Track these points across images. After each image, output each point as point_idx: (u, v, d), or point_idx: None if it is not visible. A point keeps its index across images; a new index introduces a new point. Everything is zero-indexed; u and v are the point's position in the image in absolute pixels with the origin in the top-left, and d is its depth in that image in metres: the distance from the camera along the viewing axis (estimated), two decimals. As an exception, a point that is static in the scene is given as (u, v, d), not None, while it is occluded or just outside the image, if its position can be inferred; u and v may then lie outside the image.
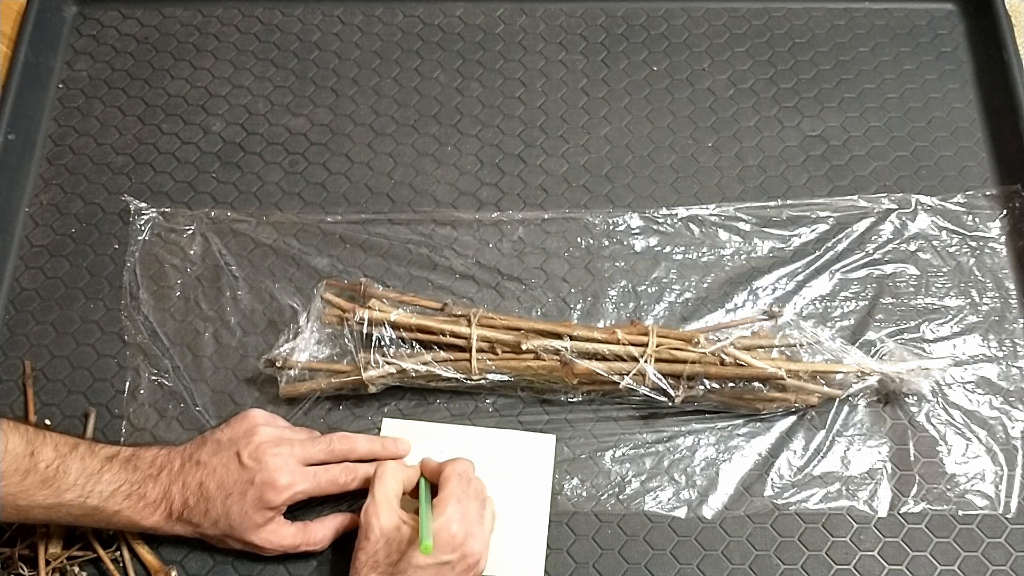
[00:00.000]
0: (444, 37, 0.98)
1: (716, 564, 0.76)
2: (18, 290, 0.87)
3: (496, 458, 0.79)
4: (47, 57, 0.96)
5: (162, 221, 0.88)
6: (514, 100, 0.95)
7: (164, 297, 0.86)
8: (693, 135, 0.93)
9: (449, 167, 0.92)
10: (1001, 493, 0.78)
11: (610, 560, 0.76)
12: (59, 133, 0.94)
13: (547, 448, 0.79)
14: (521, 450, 0.79)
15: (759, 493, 0.78)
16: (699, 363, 0.77)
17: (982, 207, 0.89)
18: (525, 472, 0.78)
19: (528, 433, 0.80)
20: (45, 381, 0.83)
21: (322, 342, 0.81)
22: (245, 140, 0.93)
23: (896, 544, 0.77)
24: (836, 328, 0.84)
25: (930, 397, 0.81)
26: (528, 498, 0.78)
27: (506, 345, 0.79)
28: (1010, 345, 0.83)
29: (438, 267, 0.87)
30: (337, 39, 0.98)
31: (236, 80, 0.96)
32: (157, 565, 0.75)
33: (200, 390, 0.82)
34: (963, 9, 0.98)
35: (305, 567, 0.76)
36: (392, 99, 0.95)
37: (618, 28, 0.98)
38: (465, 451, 0.78)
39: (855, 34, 0.97)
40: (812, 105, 0.94)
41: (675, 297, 0.85)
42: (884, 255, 0.87)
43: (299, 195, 0.90)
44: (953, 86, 0.95)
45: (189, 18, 0.99)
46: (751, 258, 0.87)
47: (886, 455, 0.79)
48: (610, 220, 0.89)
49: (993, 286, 0.86)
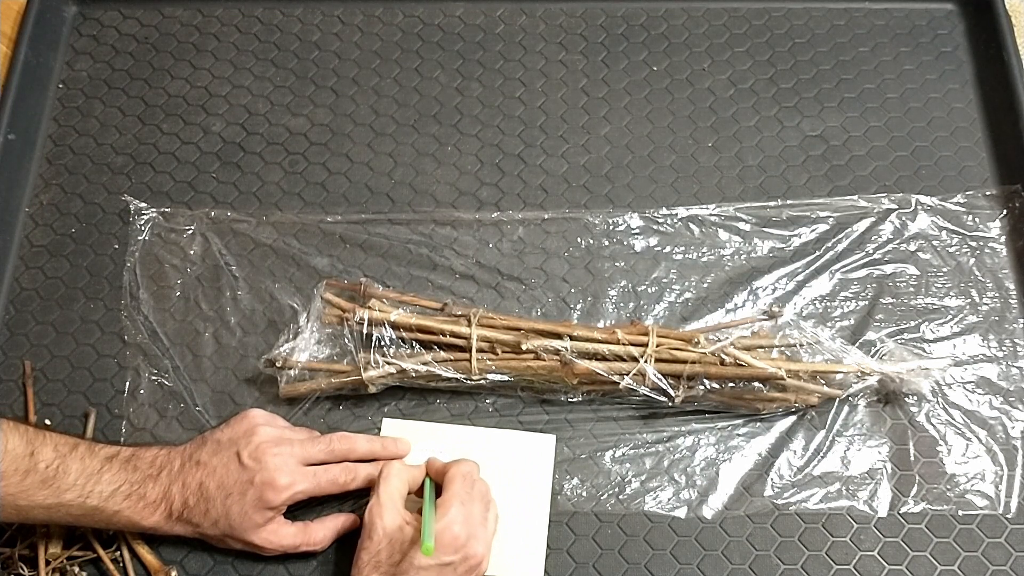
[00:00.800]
0: (444, 37, 0.98)
1: (716, 564, 0.76)
2: (18, 290, 0.87)
3: (496, 458, 0.79)
4: (47, 57, 0.96)
5: (162, 221, 0.88)
6: (514, 100, 0.95)
7: (164, 297, 0.86)
8: (693, 135, 0.93)
9: (449, 167, 0.92)
10: (1001, 493, 0.78)
11: (610, 560, 0.76)
12: (59, 133, 0.94)
13: (547, 448, 0.79)
14: (521, 450, 0.79)
15: (759, 493, 0.78)
16: (699, 363, 0.77)
17: (982, 207, 0.89)
18: (525, 472, 0.78)
19: (528, 433, 0.80)
20: (45, 381, 0.83)
21: (322, 342, 0.81)
22: (245, 140, 0.93)
23: (896, 544, 0.77)
24: (836, 328, 0.84)
25: (930, 397, 0.81)
26: (528, 498, 0.78)
27: (506, 345, 0.79)
28: (1010, 345, 0.83)
29: (438, 267, 0.87)
30: (337, 39, 0.98)
31: (236, 80, 0.96)
32: (157, 565, 0.75)
33: (200, 390, 0.82)
34: (963, 9, 0.98)
35: (305, 567, 0.76)
36: (392, 99, 0.95)
37: (618, 28, 0.98)
38: (465, 451, 0.78)
39: (855, 34, 0.97)
40: (812, 105, 0.94)
41: (675, 297, 0.85)
42: (884, 255, 0.87)
43: (299, 195, 0.90)
44: (953, 86, 0.95)
45: (189, 18, 0.99)
46: (751, 258, 0.87)
47: (886, 455, 0.79)
48: (610, 220, 0.89)
49: (993, 286, 0.86)
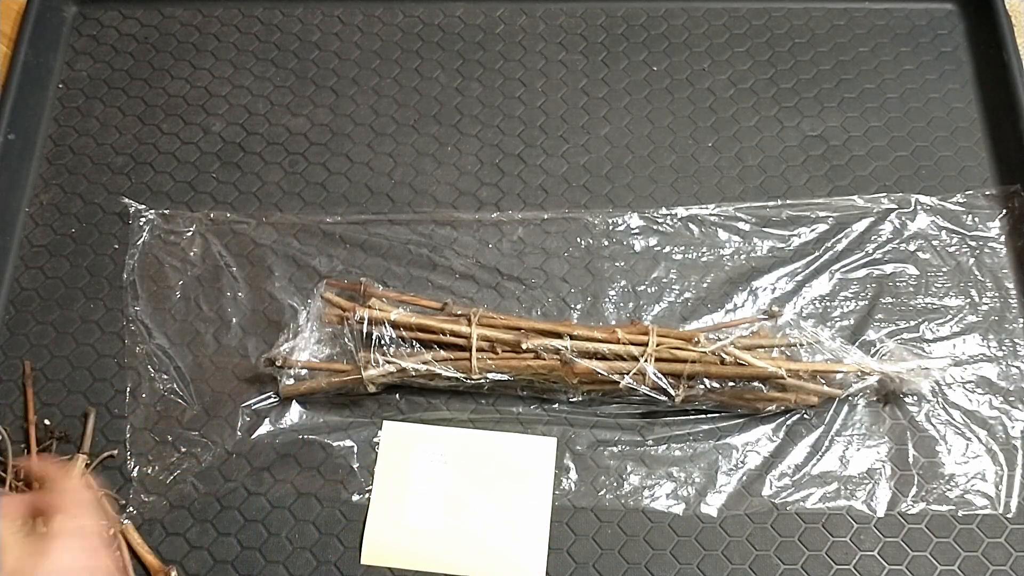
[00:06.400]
0: (444, 37, 0.98)
1: (716, 564, 0.76)
2: (18, 290, 0.87)
3: (497, 461, 0.79)
4: (47, 57, 0.96)
5: (162, 222, 0.88)
6: (514, 100, 0.95)
7: (164, 297, 0.86)
8: (693, 135, 0.93)
9: (449, 167, 0.92)
10: (1001, 493, 0.78)
11: (610, 560, 0.76)
12: (59, 133, 0.94)
13: (548, 451, 0.79)
14: (522, 453, 0.79)
15: (759, 493, 0.78)
16: (699, 362, 0.77)
17: (982, 207, 0.89)
18: (526, 475, 0.79)
19: (529, 436, 0.80)
20: (45, 381, 0.83)
21: (322, 342, 0.81)
22: (245, 140, 0.93)
23: (896, 544, 0.77)
24: (836, 328, 0.84)
25: (930, 397, 0.81)
26: (529, 501, 0.78)
27: (506, 344, 0.79)
28: (1010, 345, 0.83)
29: (438, 267, 0.87)
30: (337, 39, 0.98)
31: (236, 80, 0.96)
32: (157, 565, 0.75)
33: (200, 390, 0.82)
34: (963, 9, 0.98)
35: (305, 567, 0.76)
36: (392, 99, 0.95)
37: (618, 28, 0.98)
38: (466, 454, 0.78)
39: (855, 34, 0.97)
40: (812, 105, 0.94)
41: (675, 297, 0.85)
42: (884, 255, 0.87)
43: (299, 195, 0.90)
44: (953, 86, 0.95)
45: (189, 18, 0.99)
46: (751, 258, 0.87)
47: (886, 455, 0.79)
48: (610, 220, 0.89)
49: (993, 286, 0.86)
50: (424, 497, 0.78)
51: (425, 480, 0.78)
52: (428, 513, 0.78)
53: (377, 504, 0.78)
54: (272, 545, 0.77)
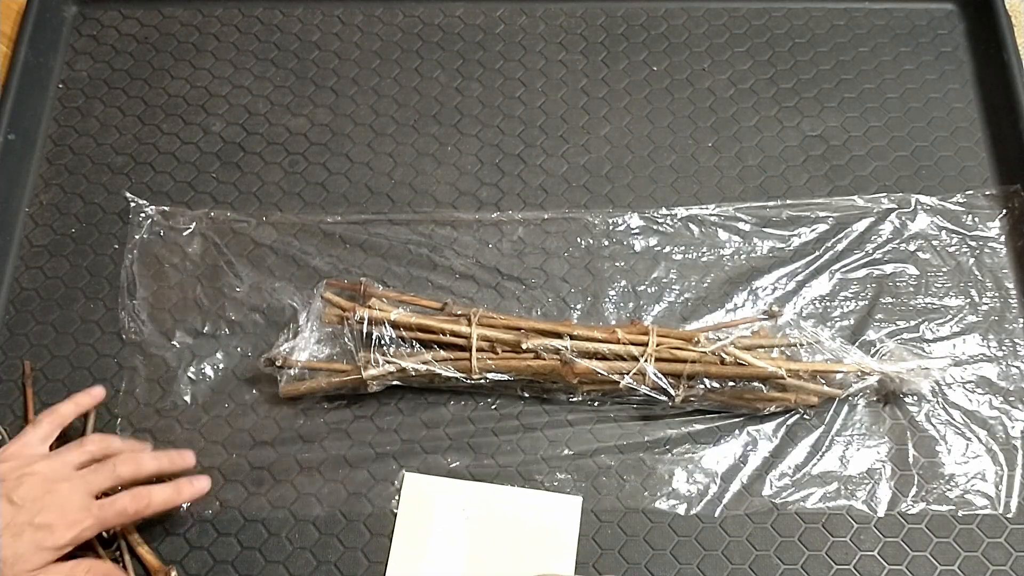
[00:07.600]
0: (444, 37, 0.98)
1: (716, 564, 0.76)
2: (18, 290, 0.87)
3: (521, 518, 0.77)
4: (47, 57, 0.96)
5: (161, 220, 0.88)
6: (514, 100, 0.95)
7: (164, 297, 0.86)
8: (693, 135, 0.93)
9: (449, 167, 0.92)
10: (1001, 493, 0.78)
11: (610, 560, 0.76)
12: (59, 133, 0.94)
13: (573, 510, 0.77)
14: (546, 510, 0.77)
15: (759, 493, 0.78)
16: (699, 362, 0.77)
17: (982, 207, 0.89)
18: (549, 533, 0.76)
19: (555, 494, 0.78)
20: (45, 381, 0.83)
21: (322, 342, 0.81)
22: (245, 140, 0.93)
23: (896, 544, 0.77)
24: (836, 328, 0.84)
25: (930, 397, 0.81)
26: (552, 561, 0.75)
27: (506, 344, 0.79)
28: (1010, 345, 0.83)
29: (438, 267, 0.87)
30: (337, 39, 0.98)
31: (236, 80, 0.96)
32: (157, 565, 0.75)
33: (200, 390, 0.82)
34: (963, 9, 0.98)
35: (306, 567, 0.76)
36: (392, 99, 0.95)
37: (618, 28, 0.98)
38: (488, 509, 0.77)
39: (855, 34, 0.97)
40: (812, 105, 0.94)
41: (675, 297, 0.85)
42: (884, 255, 0.87)
43: (299, 195, 0.90)
44: (953, 86, 0.95)
45: (189, 18, 0.99)
46: (751, 258, 0.87)
47: (886, 455, 0.79)
48: (610, 220, 0.89)
49: (993, 286, 0.86)
50: (444, 551, 0.76)
51: (446, 534, 0.76)
52: (448, 568, 0.75)
53: (396, 558, 0.76)
54: (272, 545, 0.77)
